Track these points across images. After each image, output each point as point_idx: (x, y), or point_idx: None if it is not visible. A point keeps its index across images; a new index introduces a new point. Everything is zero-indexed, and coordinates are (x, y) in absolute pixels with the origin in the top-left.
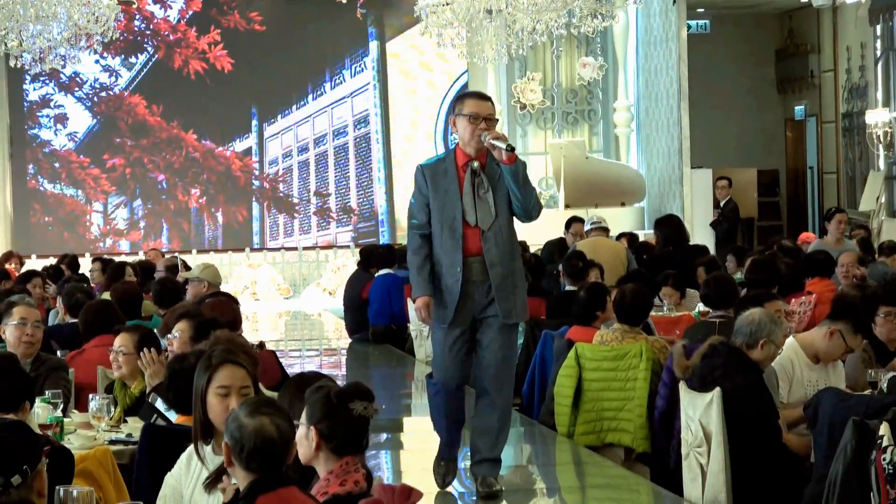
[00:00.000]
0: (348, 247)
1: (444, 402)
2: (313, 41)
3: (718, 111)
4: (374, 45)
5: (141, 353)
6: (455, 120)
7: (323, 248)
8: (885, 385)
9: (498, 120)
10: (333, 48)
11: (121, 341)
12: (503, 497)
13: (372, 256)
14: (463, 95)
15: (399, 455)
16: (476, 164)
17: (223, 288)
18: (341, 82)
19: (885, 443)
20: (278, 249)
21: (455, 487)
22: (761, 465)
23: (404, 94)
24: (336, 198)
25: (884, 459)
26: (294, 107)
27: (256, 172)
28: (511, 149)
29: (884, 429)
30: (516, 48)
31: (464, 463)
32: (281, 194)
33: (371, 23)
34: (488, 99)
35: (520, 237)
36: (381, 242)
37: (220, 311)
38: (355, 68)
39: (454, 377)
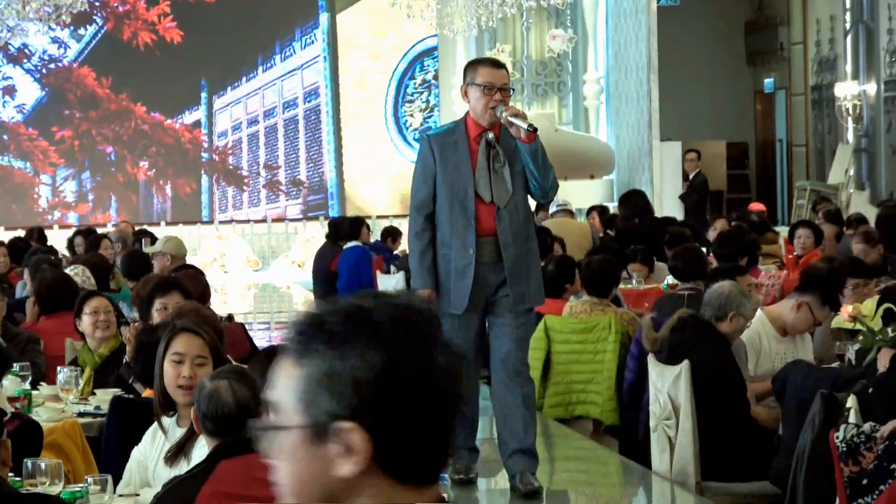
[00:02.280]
0: (317, 218)
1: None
2: (263, 13)
3: (688, 84)
4: (324, 18)
5: (130, 327)
6: (467, 89)
7: (292, 220)
8: (853, 357)
9: (514, 89)
10: (283, 20)
11: (103, 304)
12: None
13: (340, 229)
14: (476, 63)
15: None
16: (490, 135)
17: (192, 260)
18: (291, 55)
19: (852, 415)
20: (247, 222)
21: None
22: (729, 438)
23: (355, 66)
24: (286, 171)
25: (837, 437)
26: (244, 79)
27: (206, 145)
28: (533, 129)
29: (851, 401)
30: (486, 20)
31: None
32: (230, 167)
33: None
34: (503, 67)
35: None
36: (330, 216)
37: (190, 284)
38: (305, 41)
39: (473, 364)
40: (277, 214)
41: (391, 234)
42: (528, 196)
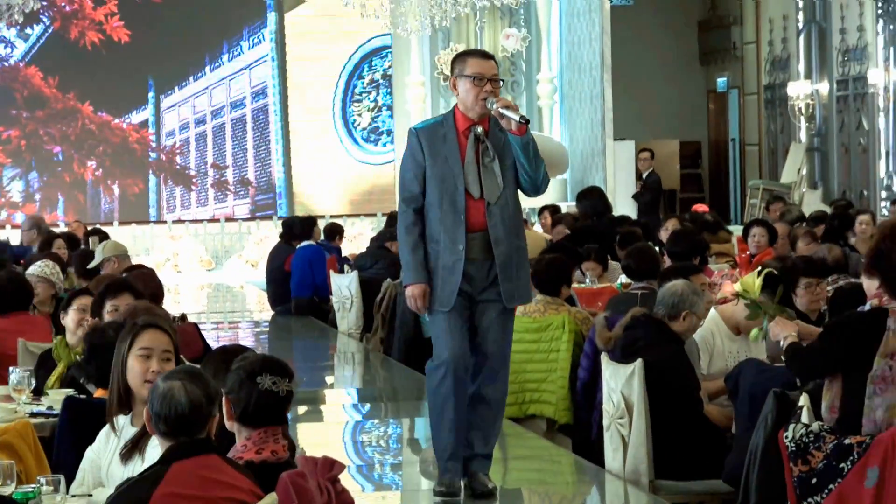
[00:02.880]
0: (267, 218)
1: (454, 388)
2: (211, 12)
3: (641, 83)
4: (272, 17)
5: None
6: (455, 81)
7: (245, 219)
8: None
9: (503, 81)
10: (231, 19)
11: (88, 301)
12: (420, 471)
13: (294, 228)
14: (465, 54)
15: (320, 427)
16: (479, 129)
17: (145, 260)
18: (239, 54)
19: (804, 414)
20: (200, 221)
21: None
22: (682, 437)
23: (303, 65)
24: (234, 170)
25: (786, 437)
26: (191, 79)
27: (153, 144)
28: (525, 121)
29: (803, 399)
30: (440, 19)
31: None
32: (178, 166)
33: None
34: (491, 57)
35: None
36: (279, 215)
37: (143, 284)
38: (253, 40)
39: (465, 355)
40: (225, 214)
41: (336, 231)
42: (518, 191)
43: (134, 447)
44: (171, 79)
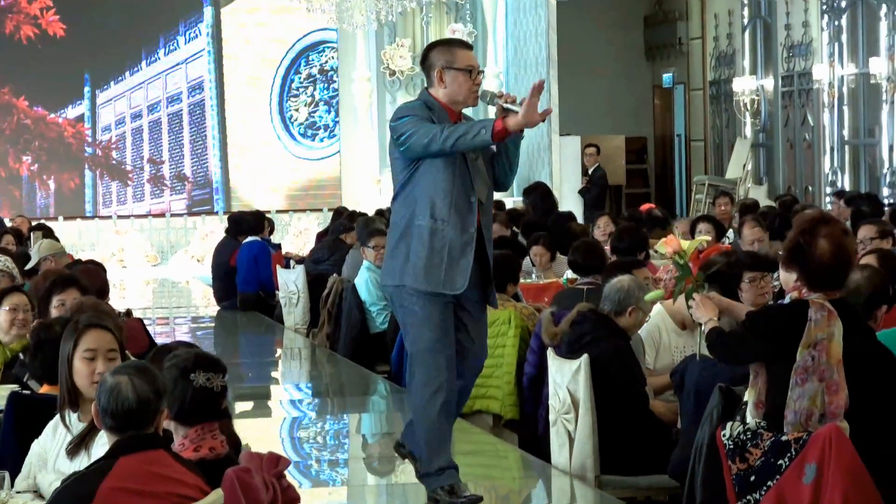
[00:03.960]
0: (216, 213)
1: (445, 403)
2: (147, 7)
3: (587, 79)
4: (208, 11)
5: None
6: (443, 72)
7: (191, 214)
8: None
9: (482, 72)
10: (167, 14)
11: (23, 301)
12: (366, 466)
13: (240, 223)
14: (449, 45)
15: (265, 423)
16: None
17: (90, 255)
18: (175, 49)
19: (749, 409)
20: (146, 216)
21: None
22: (628, 432)
23: (239, 60)
24: (170, 165)
25: (724, 435)
26: (127, 73)
27: (89, 139)
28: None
29: (748, 395)
30: (386, 14)
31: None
32: (114, 161)
33: None
34: (472, 47)
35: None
36: (216, 210)
37: (89, 279)
38: (190, 34)
39: (454, 370)
40: (161, 210)
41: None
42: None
43: (81, 442)
44: (107, 73)
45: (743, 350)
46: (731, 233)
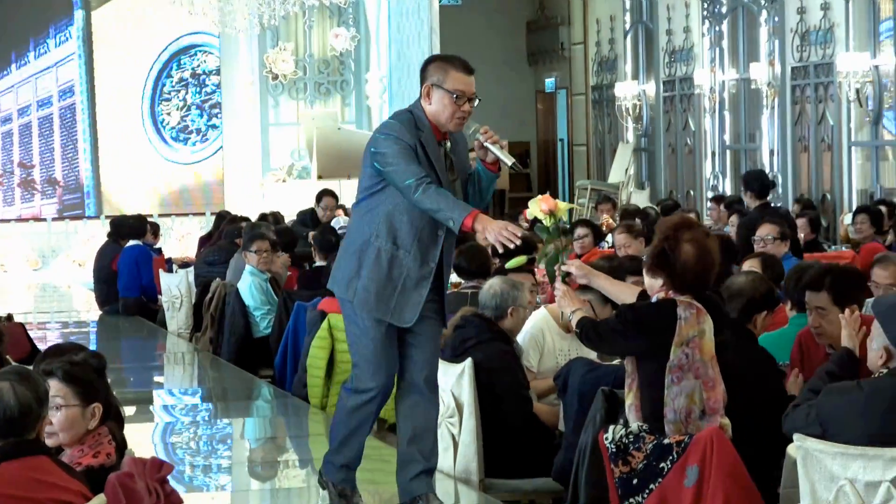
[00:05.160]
0: (98, 219)
1: (375, 412)
2: (17, 10)
3: None
4: (79, 14)
5: None
6: (431, 89)
7: (73, 218)
8: None
9: (478, 99)
10: (38, 17)
11: None
12: (249, 471)
13: (122, 227)
14: (447, 62)
15: (149, 428)
16: (449, 144)
17: None
18: (46, 52)
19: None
20: (27, 220)
21: None
22: (512, 435)
23: (110, 63)
24: (41, 169)
25: (606, 438)
26: None
27: None
28: (516, 168)
29: (626, 399)
30: (268, 18)
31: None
32: None
33: None
34: (473, 72)
35: (273, 208)
36: (87, 215)
37: None
38: (60, 38)
39: (392, 381)
40: (33, 214)
41: (152, 228)
42: None
43: None
44: None
45: (617, 343)
46: (611, 237)
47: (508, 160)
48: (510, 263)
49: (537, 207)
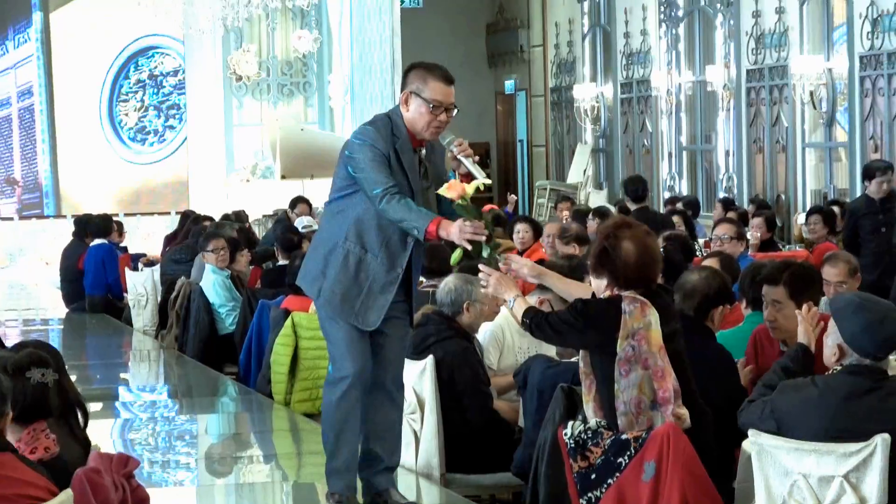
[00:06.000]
0: (65, 217)
1: (356, 401)
2: None
3: None
4: (37, 16)
5: None
6: (410, 97)
7: (38, 217)
8: None
9: (456, 108)
10: None
11: None
12: (213, 467)
13: (88, 226)
14: (427, 70)
15: (115, 424)
16: (424, 151)
17: None
18: (4, 53)
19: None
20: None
21: None
22: (473, 431)
23: (69, 65)
24: (0, 169)
25: (565, 434)
26: None
27: None
28: (486, 185)
29: (584, 402)
30: (232, 20)
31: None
32: None
33: None
34: (453, 82)
35: (237, 207)
36: (45, 214)
37: None
38: (19, 39)
39: (368, 368)
40: None
41: (117, 227)
42: None
43: None
44: None
45: (570, 335)
46: None
47: (480, 175)
48: (452, 260)
49: (449, 194)
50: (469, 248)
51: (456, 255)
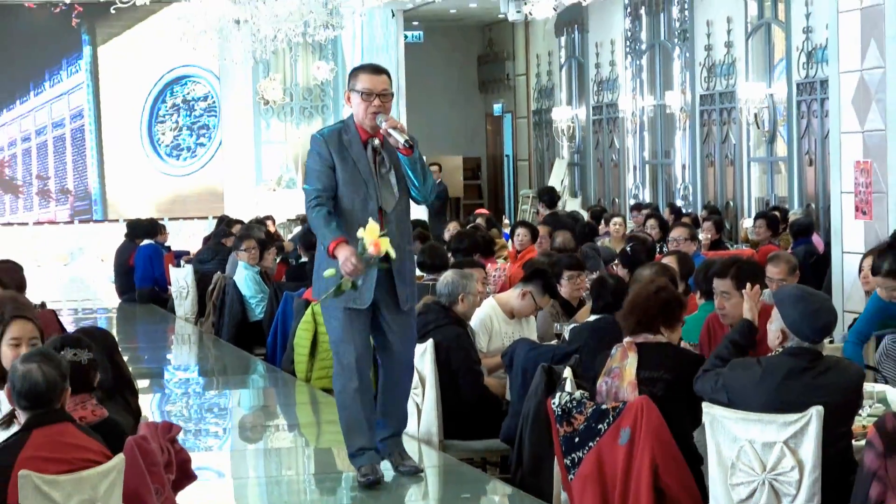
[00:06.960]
0: (115, 222)
1: (360, 386)
2: (33, 45)
3: (430, 107)
4: (87, 50)
5: None
6: (349, 95)
7: (95, 222)
8: (568, 336)
9: (393, 94)
10: (52, 52)
11: None
12: (244, 434)
13: (137, 228)
14: (357, 69)
15: (162, 397)
16: (376, 141)
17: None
18: (59, 81)
19: (567, 384)
20: (57, 223)
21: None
22: (466, 404)
23: (114, 91)
24: (55, 180)
25: (553, 403)
26: (18, 102)
27: None
28: (409, 144)
29: (567, 372)
30: (261, 53)
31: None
32: (7, 177)
33: (84, 30)
34: (384, 72)
35: (265, 212)
36: (94, 219)
37: (8, 276)
38: (71, 69)
39: (367, 354)
40: (49, 218)
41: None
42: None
43: (11, 416)
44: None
45: None
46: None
47: (401, 138)
48: (325, 273)
49: (367, 239)
50: (350, 279)
51: (329, 272)
